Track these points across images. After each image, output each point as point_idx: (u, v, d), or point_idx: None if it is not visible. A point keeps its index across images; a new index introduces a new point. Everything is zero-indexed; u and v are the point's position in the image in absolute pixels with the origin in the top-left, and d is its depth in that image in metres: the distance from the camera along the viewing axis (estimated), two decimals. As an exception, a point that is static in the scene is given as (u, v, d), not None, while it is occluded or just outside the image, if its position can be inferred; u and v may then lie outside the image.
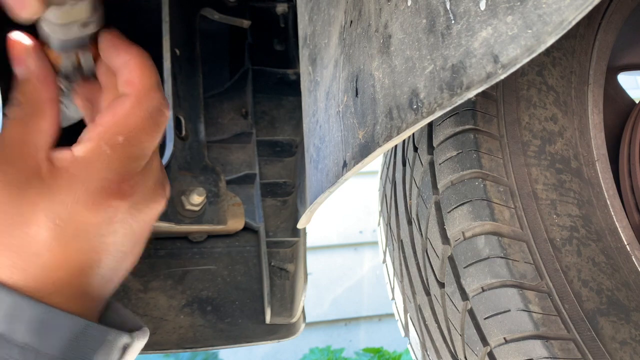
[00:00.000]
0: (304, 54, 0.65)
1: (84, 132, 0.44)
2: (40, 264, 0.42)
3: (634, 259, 0.68)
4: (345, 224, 3.26)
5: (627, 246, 0.68)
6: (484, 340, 0.64)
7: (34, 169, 0.42)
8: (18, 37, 0.46)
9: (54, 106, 0.45)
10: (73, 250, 0.43)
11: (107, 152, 0.43)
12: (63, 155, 0.43)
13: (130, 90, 0.44)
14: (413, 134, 0.78)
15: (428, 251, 0.73)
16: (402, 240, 0.84)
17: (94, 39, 0.47)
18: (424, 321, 0.79)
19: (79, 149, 0.43)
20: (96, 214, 0.43)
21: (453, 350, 0.72)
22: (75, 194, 0.42)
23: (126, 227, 0.45)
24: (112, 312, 0.48)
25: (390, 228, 0.90)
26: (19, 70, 0.45)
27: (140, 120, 0.43)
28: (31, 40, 0.46)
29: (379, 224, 1.00)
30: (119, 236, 0.45)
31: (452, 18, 0.35)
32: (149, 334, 0.47)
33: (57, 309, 0.41)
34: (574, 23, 0.28)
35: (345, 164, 0.48)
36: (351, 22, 0.50)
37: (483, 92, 0.65)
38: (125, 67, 0.45)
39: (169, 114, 0.47)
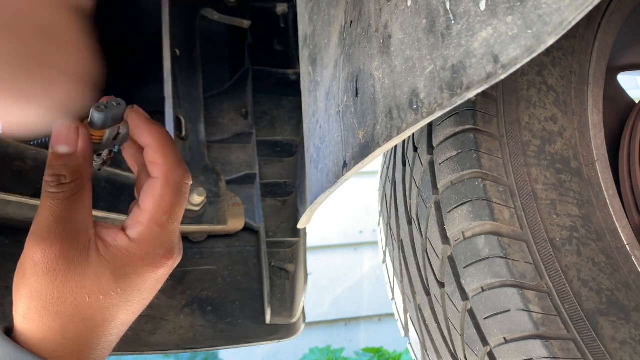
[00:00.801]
0: (304, 54, 0.65)
1: (131, 215, 0.51)
2: (86, 327, 0.48)
3: (633, 259, 0.68)
4: (345, 224, 3.26)
5: (627, 246, 0.68)
6: (484, 340, 0.64)
7: (88, 246, 0.48)
8: (67, 120, 0.50)
9: (90, 183, 0.51)
10: (122, 315, 0.50)
11: (157, 231, 0.50)
12: (119, 237, 0.50)
13: (157, 172, 0.51)
14: (413, 134, 0.77)
15: (428, 251, 0.73)
16: (402, 240, 0.84)
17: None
18: (424, 321, 0.79)
19: (133, 232, 0.50)
20: (150, 282, 0.51)
21: (453, 350, 0.72)
22: (135, 268, 0.50)
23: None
24: None
25: (390, 228, 0.90)
26: (63, 148, 0.49)
27: (173, 196, 0.51)
28: (79, 122, 0.50)
29: (379, 224, 1.00)
30: (154, 294, 0.54)
31: (452, 18, 0.35)
32: None
33: None
34: (574, 23, 0.28)
35: (345, 164, 0.48)
36: (351, 22, 0.50)
37: (483, 92, 0.65)
38: (149, 149, 0.52)
39: (191, 181, 0.55)
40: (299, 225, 0.63)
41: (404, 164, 0.84)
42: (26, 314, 0.46)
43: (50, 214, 0.47)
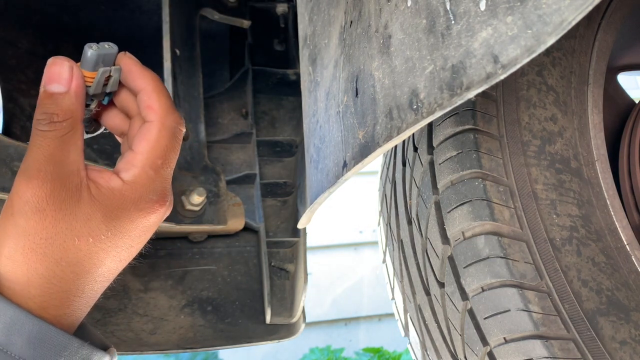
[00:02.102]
0: (304, 54, 0.65)
1: (123, 159, 0.50)
2: (73, 272, 0.46)
3: (633, 259, 0.68)
4: (345, 224, 3.26)
5: (626, 246, 0.68)
6: (484, 340, 0.64)
7: (79, 187, 0.47)
8: (60, 58, 0.49)
9: (82, 124, 0.49)
10: (109, 262, 0.49)
11: (151, 175, 0.50)
12: (112, 180, 0.48)
13: (153, 116, 0.50)
14: (413, 134, 0.78)
15: (428, 251, 0.73)
16: (402, 240, 0.84)
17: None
18: (424, 321, 0.79)
19: (127, 174, 0.49)
20: (140, 228, 0.50)
21: (453, 350, 0.72)
22: (127, 212, 0.48)
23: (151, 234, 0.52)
24: (85, 331, 0.51)
25: (390, 228, 0.90)
26: (56, 87, 0.48)
27: (168, 141, 0.51)
28: (72, 61, 0.49)
29: (379, 224, 1.00)
30: (143, 243, 0.52)
31: (452, 18, 0.35)
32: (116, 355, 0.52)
33: (55, 327, 0.44)
34: (573, 23, 0.28)
35: (345, 164, 0.48)
36: (351, 22, 0.50)
37: (483, 92, 0.65)
38: (144, 93, 0.51)
39: (184, 127, 0.54)
40: (300, 225, 0.63)
41: (404, 164, 0.84)
42: (11, 255, 0.44)
43: (40, 152, 0.45)
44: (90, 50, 0.48)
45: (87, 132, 0.55)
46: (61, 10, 0.98)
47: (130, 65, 0.51)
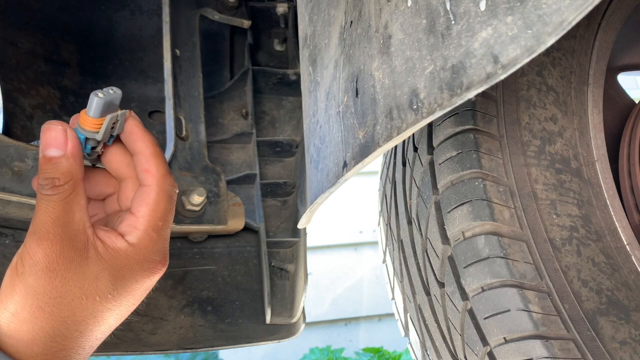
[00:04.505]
0: (304, 54, 0.65)
1: (125, 221, 0.52)
2: (77, 330, 0.48)
3: (633, 259, 0.68)
4: (345, 224, 3.26)
5: (626, 246, 0.68)
6: (484, 340, 0.64)
7: (86, 245, 0.48)
8: (54, 123, 0.51)
9: (83, 183, 0.51)
10: (112, 319, 0.51)
11: (154, 237, 0.52)
12: (118, 240, 0.50)
13: (151, 180, 0.53)
14: (413, 134, 0.77)
15: (428, 251, 0.73)
16: (402, 240, 0.84)
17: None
18: (424, 321, 0.79)
19: (132, 237, 0.51)
20: (143, 288, 0.53)
21: (453, 350, 0.72)
22: (133, 272, 0.51)
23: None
24: None
25: (390, 228, 0.90)
26: (54, 151, 0.49)
27: (166, 203, 0.53)
28: (65, 124, 0.51)
29: (379, 224, 1.00)
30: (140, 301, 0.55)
31: (452, 18, 0.35)
32: None
33: None
34: (573, 23, 0.28)
35: (345, 164, 0.48)
36: (351, 22, 0.50)
37: (483, 92, 0.65)
38: (142, 156, 0.54)
39: (178, 189, 0.58)
40: (299, 225, 0.63)
41: (404, 164, 0.84)
42: (18, 312, 0.45)
43: (47, 215, 0.47)
44: (97, 98, 0.50)
45: (93, 165, 0.58)
46: (61, 10, 0.98)
47: (132, 126, 0.54)
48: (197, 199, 0.81)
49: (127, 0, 1.02)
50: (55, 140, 0.49)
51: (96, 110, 0.50)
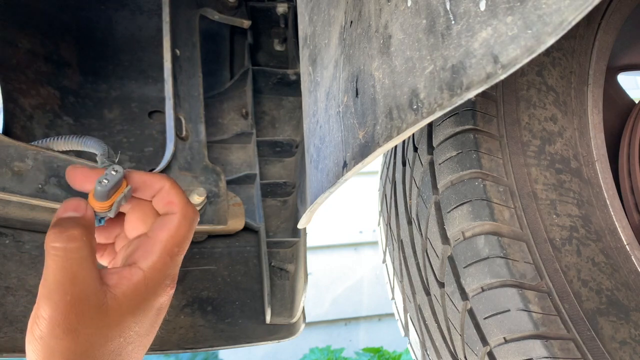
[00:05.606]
0: (304, 54, 0.65)
1: (140, 248, 0.54)
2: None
3: (633, 259, 0.68)
4: (345, 224, 3.26)
5: (626, 246, 0.68)
6: (484, 340, 0.64)
7: (104, 299, 0.50)
8: (76, 198, 0.54)
9: (95, 240, 0.53)
10: (135, 354, 0.53)
11: (167, 261, 0.53)
12: (133, 274, 0.52)
13: (175, 209, 0.55)
14: (413, 134, 0.77)
15: (428, 251, 0.73)
16: (402, 240, 0.84)
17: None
18: (424, 321, 0.79)
19: (146, 262, 0.52)
20: (157, 310, 0.54)
21: (453, 350, 0.72)
22: (149, 301, 0.52)
23: None
24: None
25: (390, 228, 0.90)
26: (72, 213, 0.52)
27: (186, 230, 0.55)
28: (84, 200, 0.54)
29: (379, 224, 1.00)
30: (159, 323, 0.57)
31: (452, 18, 0.35)
32: None
33: None
34: (573, 23, 0.28)
35: (345, 164, 0.48)
36: (351, 22, 0.50)
37: (483, 92, 0.65)
38: (163, 191, 0.56)
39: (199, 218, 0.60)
40: (299, 225, 0.63)
41: (404, 164, 0.84)
42: None
43: (61, 274, 0.48)
44: (100, 186, 0.53)
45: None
46: (61, 10, 0.98)
47: (140, 177, 0.56)
48: (197, 199, 0.81)
49: (127, 0, 1.02)
50: (77, 206, 0.52)
51: (102, 196, 0.53)
